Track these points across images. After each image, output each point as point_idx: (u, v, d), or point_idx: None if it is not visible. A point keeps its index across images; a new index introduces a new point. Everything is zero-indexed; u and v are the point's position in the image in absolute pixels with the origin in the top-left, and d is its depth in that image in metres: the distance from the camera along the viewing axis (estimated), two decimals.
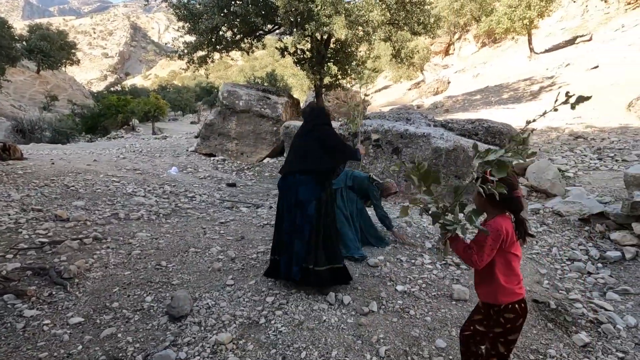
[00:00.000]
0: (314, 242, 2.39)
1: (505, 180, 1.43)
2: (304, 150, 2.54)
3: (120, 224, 4.06)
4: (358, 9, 10.45)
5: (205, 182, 7.36)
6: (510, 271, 1.44)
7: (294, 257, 2.40)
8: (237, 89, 11.10)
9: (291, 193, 2.48)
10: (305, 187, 2.43)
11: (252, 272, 2.69)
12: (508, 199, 1.42)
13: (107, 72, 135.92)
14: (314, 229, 2.39)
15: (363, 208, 3.15)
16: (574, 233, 3.07)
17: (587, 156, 5.38)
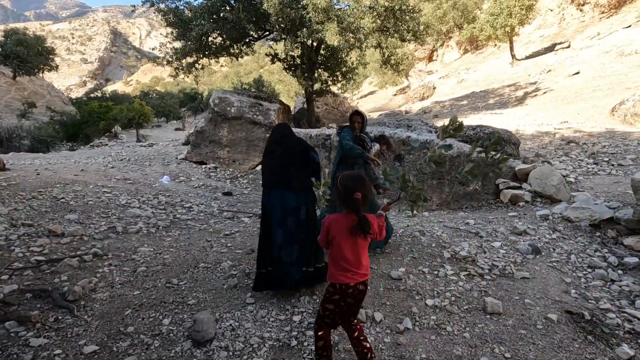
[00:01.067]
0: (308, 246, 2.53)
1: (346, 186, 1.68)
2: (284, 168, 2.63)
3: (119, 238, 3.87)
4: (349, 15, 10.51)
5: (200, 192, 7.17)
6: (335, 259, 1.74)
7: (295, 264, 2.48)
8: (229, 95, 10.94)
9: (282, 205, 2.56)
10: (295, 196, 2.56)
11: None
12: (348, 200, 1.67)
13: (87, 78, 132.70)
14: (307, 233, 2.54)
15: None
16: (587, 239, 3.09)
17: (583, 161, 5.49)
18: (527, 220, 3.58)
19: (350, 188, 1.66)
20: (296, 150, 2.66)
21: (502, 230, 3.31)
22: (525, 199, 4.35)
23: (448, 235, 3.35)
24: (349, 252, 1.70)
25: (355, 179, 1.70)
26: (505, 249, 3.00)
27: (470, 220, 3.70)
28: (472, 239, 3.21)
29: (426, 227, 3.65)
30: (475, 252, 2.95)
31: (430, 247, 3.10)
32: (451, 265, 2.77)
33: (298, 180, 2.57)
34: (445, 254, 2.95)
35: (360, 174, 1.78)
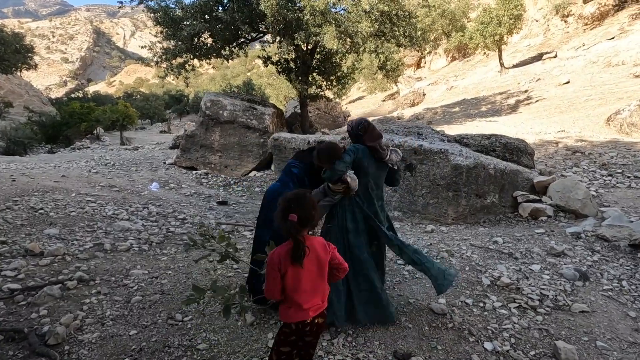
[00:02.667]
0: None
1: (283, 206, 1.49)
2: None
3: (108, 258, 3.41)
4: (347, 19, 10.27)
5: (193, 200, 6.71)
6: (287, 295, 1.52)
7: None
8: (221, 98, 10.50)
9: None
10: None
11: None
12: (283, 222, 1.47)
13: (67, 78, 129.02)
14: None
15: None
16: (631, 261, 2.85)
17: (596, 172, 5.33)
18: (558, 238, 3.33)
19: (286, 208, 1.48)
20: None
21: (537, 251, 3.04)
22: (547, 214, 4.11)
23: (479, 256, 3.05)
24: (301, 282, 1.50)
25: (293, 199, 1.51)
26: (547, 273, 2.73)
27: (497, 238, 3.42)
28: (508, 261, 2.93)
29: (451, 246, 3.35)
30: (517, 277, 2.67)
31: (464, 271, 2.80)
32: (496, 295, 2.47)
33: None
34: (485, 280, 2.64)
35: (303, 193, 1.56)
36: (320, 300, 1.56)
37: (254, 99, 11.38)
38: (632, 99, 10.18)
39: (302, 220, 1.46)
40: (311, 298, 1.52)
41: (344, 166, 2.19)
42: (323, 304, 1.58)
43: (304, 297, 1.51)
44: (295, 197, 1.53)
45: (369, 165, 2.23)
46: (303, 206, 1.49)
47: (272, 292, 1.53)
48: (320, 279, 1.55)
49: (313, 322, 1.55)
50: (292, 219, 1.45)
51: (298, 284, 1.50)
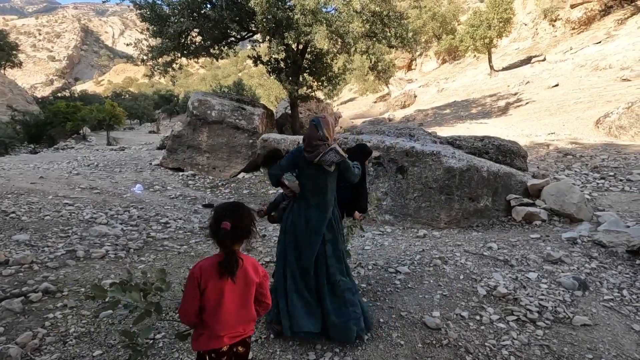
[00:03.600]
0: None
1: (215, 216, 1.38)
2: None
3: (80, 267, 3.19)
4: (338, 19, 10.14)
5: (178, 203, 6.47)
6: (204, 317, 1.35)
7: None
8: (209, 98, 10.26)
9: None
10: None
11: (276, 343, 2.02)
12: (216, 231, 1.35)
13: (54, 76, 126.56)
14: None
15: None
16: (629, 269, 2.74)
17: (588, 175, 5.27)
18: (554, 244, 3.22)
19: (220, 216, 1.37)
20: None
21: (533, 258, 2.92)
22: (541, 218, 4.01)
23: (474, 263, 2.92)
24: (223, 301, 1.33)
25: (229, 207, 1.43)
26: (545, 282, 2.60)
27: (491, 243, 3.30)
28: (503, 269, 2.80)
29: (445, 252, 3.21)
30: (514, 287, 2.53)
31: (458, 280, 2.65)
32: (492, 307, 2.33)
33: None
34: (480, 290, 2.50)
35: (240, 203, 1.48)
36: (242, 327, 1.38)
37: (243, 99, 11.16)
38: (620, 102, 10.26)
39: (236, 229, 1.35)
40: (231, 323, 1.36)
41: (278, 169, 2.21)
42: (245, 332, 1.40)
43: (223, 320, 1.34)
44: (230, 206, 1.45)
45: (302, 165, 2.18)
46: (238, 215, 1.39)
47: (186, 313, 1.36)
48: (245, 302, 1.38)
49: (230, 350, 1.37)
50: (225, 227, 1.33)
51: (220, 303, 1.33)
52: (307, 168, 2.17)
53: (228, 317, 1.34)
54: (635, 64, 13.47)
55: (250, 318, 1.42)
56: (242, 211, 1.42)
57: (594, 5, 22.73)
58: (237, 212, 1.41)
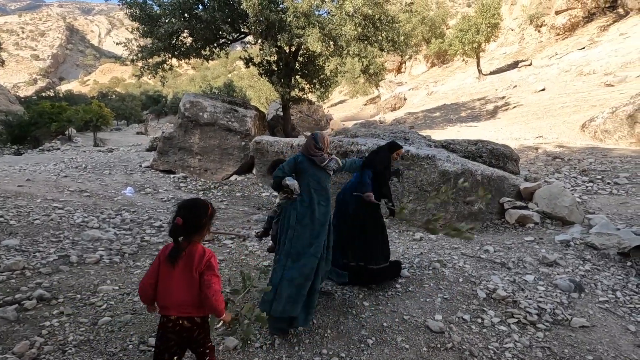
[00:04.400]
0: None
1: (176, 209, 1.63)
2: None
3: (74, 272, 3.12)
4: (331, 22, 10.19)
5: (171, 206, 6.38)
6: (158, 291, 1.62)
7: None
8: (201, 99, 10.17)
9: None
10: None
11: (282, 349, 2.01)
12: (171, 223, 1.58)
13: (38, 75, 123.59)
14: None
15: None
16: (621, 270, 2.83)
17: (577, 178, 5.41)
18: (548, 246, 3.29)
19: (176, 212, 1.61)
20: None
21: (529, 260, 2.98)
22: (534, 220, 4.09)
23: (472, 266, 2.96)
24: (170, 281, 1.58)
25: (185, 205, 1.63)
26: (542, 284, 2.66)
27: (488, 246, 3.35)
28: (501, 272, 2.85)
29: (442, 255, 3.24)
30: (512, 289, 2.58)
31: (458, 284, 2.69)
32: (493, 310, 2.37)
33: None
34: (480, 293, 2.54)
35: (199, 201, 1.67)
36: (190, 308, 1.59)
37: (235, 100, 11.09)
38: (604, 106, 10.55)
39: (187, 224, 1.55)
40: (177, 300, 1.57)
41: (280, 172, 2.59)
42: (192, 313, 1.59)
43: (168, 296, 1.58)
44: (187, 203, 1.63)
45: (307, 169, 2.58)
46: (191, 212, 1.58)
47: (143, 284, 1.61)
48: (190, 287, 1.57)
49: (177, 321, 1.58)
50: (178, 222, 1.54)
51: (167, 282, 1.58)
52: (311, 170, 2.58)
53: (175, 295, 1.57)
54: (617, 69, 13.89)
55: (197, 303, 1.58)
56: (196, 208, 1.59)
57: (578, 12, 23.34)
58: (190, 208, 1.59)
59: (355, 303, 2.46)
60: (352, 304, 2.46)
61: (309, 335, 2.14)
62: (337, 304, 2.42)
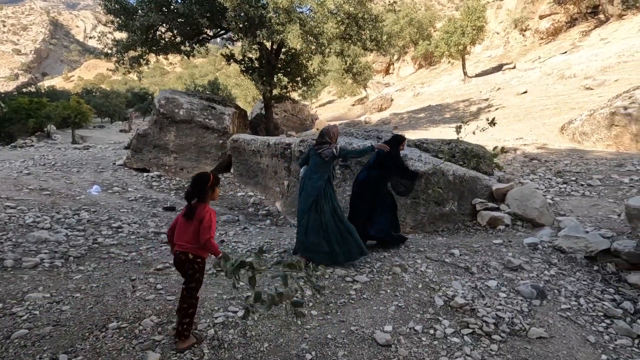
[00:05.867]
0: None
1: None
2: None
3: (5, 278, 2.85)
4: (313, 19, 10.02)
5: (136, 206, 6.10)
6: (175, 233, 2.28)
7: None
8: (177, 96, 9.87)
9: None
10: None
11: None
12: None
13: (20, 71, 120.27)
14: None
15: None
16: (587, 275, 2.71)
17: (552, 179, 5.34)
18: (515, 249, 3.16)
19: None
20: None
21: (494, 265, 2.84)
22: (505, 222, 3.97)
23: (434, 271, 2.80)
24: (178, 229, 2.23)
25: (193, 177, 2.35)
26: (504, 291, 2.51)
27: (454, 250, 3.21)
28: (463, 277, 2.70)
29: (406, 259, 3.09)
30: (472, 296, 2.43)
31: (416, 290, 2.52)
32: (448, 319, 2.21)
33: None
34: (438, 301, 2.38)
35: (202, 175, 2.35)
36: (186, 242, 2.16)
37: (214, 98, 10.81)
38: (583, 109, 10.62)
39: (193, 191, 2.25)
40: (179, 238, 2.19)
41: (301, 161, 3.68)
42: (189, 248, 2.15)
43: (178, 236, 2.20)
44: (194, 176, 2.35)
45: (312, 155, 3.43)
46: (194, 183, 2.27)
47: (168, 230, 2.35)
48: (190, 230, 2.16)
49: (178, 254, 2.19)
50: (188, 189, 2.28)
51: (179, 228, 2.21)
52: (313, 156, 3.41)
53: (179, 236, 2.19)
54: (597, 73, 14.07)
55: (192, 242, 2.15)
56: (199, 179, 2.27)
57: (561, 17, 23.71)
58: (195, 180, 2.28)
59: (303, 312, 2.28)
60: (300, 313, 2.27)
61: (242, 349, 1.94)
62: (283, 312, 2.23)
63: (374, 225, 3.54)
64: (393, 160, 3.58)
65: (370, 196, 3.58)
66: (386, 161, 3.57)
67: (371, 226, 3.55)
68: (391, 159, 3.56)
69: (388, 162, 3.57)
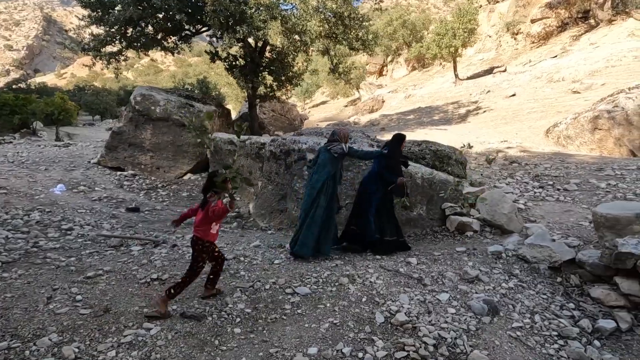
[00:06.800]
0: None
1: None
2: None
3: None
4: (295, 17, 9.80)
5: (98, 206, 5.81)
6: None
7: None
8: (154, 92, 9.57)
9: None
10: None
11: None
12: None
13: (11, 67, 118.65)
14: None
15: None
16: (549, 287, 2.50)
17: (528, 183, 5.16)
18: (477, 259, 2.94)
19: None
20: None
21: (450, 276, 2.61)
22: (473, 228, 3.77)
23: (384, 282, 2.57)
24: (198, 215, 2.70)
25: (208, 174, 3.10)
26: (455, 306, 2.29)
27: (412, 258, 2.98)
28: (414, 289, 2.47)
29: (358, 268, 2.86)
30: (417, 312, 2.20)
31: (359, 304, 2.29)
32: (384, 339, 1.98)
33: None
34: (378, 317, 2.15)
35: (215, 172, 2.78)
36: (197, 227, 2.65)
37: (193, 95, 10.53)
38: (569, 112, 10.52)
39: (206, 186, 2.73)
40: (195, 223, 2.67)
41: (310, 163, 3.97)
42: (199, 232, 2.63)
43: (195, 223, 2.67)
44: (208, 174, 2.96)
45: (323, 152, 3.68)
46: (209, 179, 2.73)
47: (188, 212, 2.94)
48: (202, 217, 2.62)
49: (192, 236, 2.71)
50: (204, 184, 2.77)
51: (197, 216, 2.69)
52: (323, 152, 3.65)
53: (196, 221, 2.66)
54: (585, 77, 14.01)
55: (200, 227, 2.62)
56: (208, 177, 2.75)
57: (552, 21, 23.75)
58: (209, 177, 2.75)
59: (226, 329, 2.04)
60: (222, 330, 2.03)
61: None
62: (204, 329, 1.99)
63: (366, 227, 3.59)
64: (392, 156, 3.64)
65: (366, 197, 3.67)
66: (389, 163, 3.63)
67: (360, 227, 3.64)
68: (392, 159, 3.63)
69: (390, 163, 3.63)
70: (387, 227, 3.56)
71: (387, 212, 3.62)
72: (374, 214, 3.57)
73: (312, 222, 3.38)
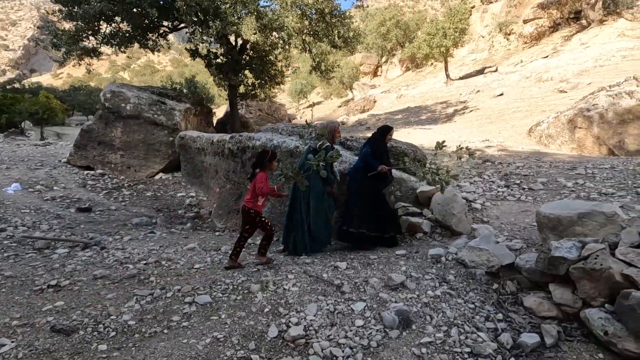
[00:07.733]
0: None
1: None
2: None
3: None
4: (272, 12, 9.56)
5: (47, 206, 5.54)
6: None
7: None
8: (125, 89, 9.31)
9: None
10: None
11: None
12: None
13: (7, 66, 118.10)
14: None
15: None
16: (481, 295, 2.25)
17: (494, 183, 4.92)
18: (414, 263, 2.70)
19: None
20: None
21: (373, 282, 2.36)
22: (423, 230, 3.52)
23: (300, 290, 2.32)
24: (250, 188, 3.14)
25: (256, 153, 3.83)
26: (367, 316, 2.03)
27: (342, 263, 2.73)
28: (329, 298, 2.22)
29: (280, 273, 2.60)
30: (320, 325, 1.95)
31: (257, 315, 2.04)
32: (265, 358, 1.72)
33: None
34: (271, 331, 1.90)
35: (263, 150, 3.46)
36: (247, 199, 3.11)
37: (166, 92, 10.27)
38: (553, 111, 10.30)
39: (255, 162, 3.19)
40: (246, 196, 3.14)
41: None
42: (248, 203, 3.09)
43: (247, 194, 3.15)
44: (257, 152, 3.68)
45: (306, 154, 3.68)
46: (258, 156, 3.25)
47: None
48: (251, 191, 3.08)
49: (243, 207, 3.17)
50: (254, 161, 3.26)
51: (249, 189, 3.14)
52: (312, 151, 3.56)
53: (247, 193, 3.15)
54: (572, 76, 13.82)
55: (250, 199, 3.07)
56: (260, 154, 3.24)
57: (544, 21, 23.60)
58: (258, 154, 3.28)
59: (90, 346, 1.78)
60: (85, 347, 1.78)
61: None
62: (66, 346, 1.73)
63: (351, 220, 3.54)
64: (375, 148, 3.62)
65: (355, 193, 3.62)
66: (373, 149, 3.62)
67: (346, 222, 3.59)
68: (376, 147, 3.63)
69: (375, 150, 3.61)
70: (364, 219, 3.43)
71: (363, 203, 3.48)
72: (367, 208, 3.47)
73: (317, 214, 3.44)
